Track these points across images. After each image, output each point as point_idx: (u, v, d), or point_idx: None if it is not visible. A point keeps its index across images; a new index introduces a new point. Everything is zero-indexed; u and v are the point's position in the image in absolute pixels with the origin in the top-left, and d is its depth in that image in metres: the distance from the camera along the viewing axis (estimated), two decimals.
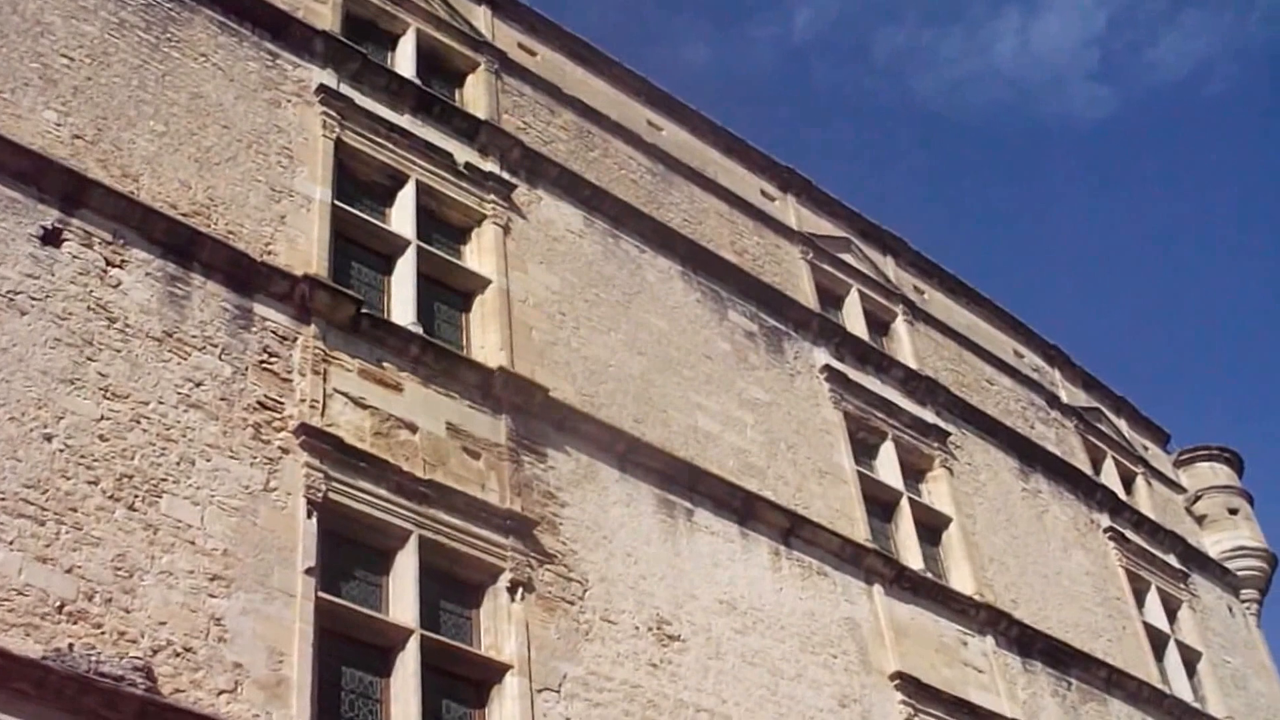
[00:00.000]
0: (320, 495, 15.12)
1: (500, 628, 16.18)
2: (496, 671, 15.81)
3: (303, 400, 15.82)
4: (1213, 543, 33.69)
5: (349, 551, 15.46)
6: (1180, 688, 28.38)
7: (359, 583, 15.41)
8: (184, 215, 16.41)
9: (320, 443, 15.48)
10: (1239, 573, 33.44)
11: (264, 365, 15.80)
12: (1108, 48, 76.01)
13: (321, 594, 14.53)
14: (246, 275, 16.38)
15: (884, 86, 76.62)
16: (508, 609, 16.30)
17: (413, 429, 16.78)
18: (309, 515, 14.90)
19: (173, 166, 16.84)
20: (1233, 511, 34.41)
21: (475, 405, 17.72)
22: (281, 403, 15.63)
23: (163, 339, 15.19)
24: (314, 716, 13.62)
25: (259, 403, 15.44)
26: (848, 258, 27.59)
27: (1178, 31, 76.12)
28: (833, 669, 20.09)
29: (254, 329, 16.00)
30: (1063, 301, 75.56)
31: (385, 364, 17.04)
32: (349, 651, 14.80)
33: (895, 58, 75.74)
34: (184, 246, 16.05)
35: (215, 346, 15.54)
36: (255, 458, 14.97)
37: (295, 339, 16.35)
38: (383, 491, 15.78)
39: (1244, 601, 33.43)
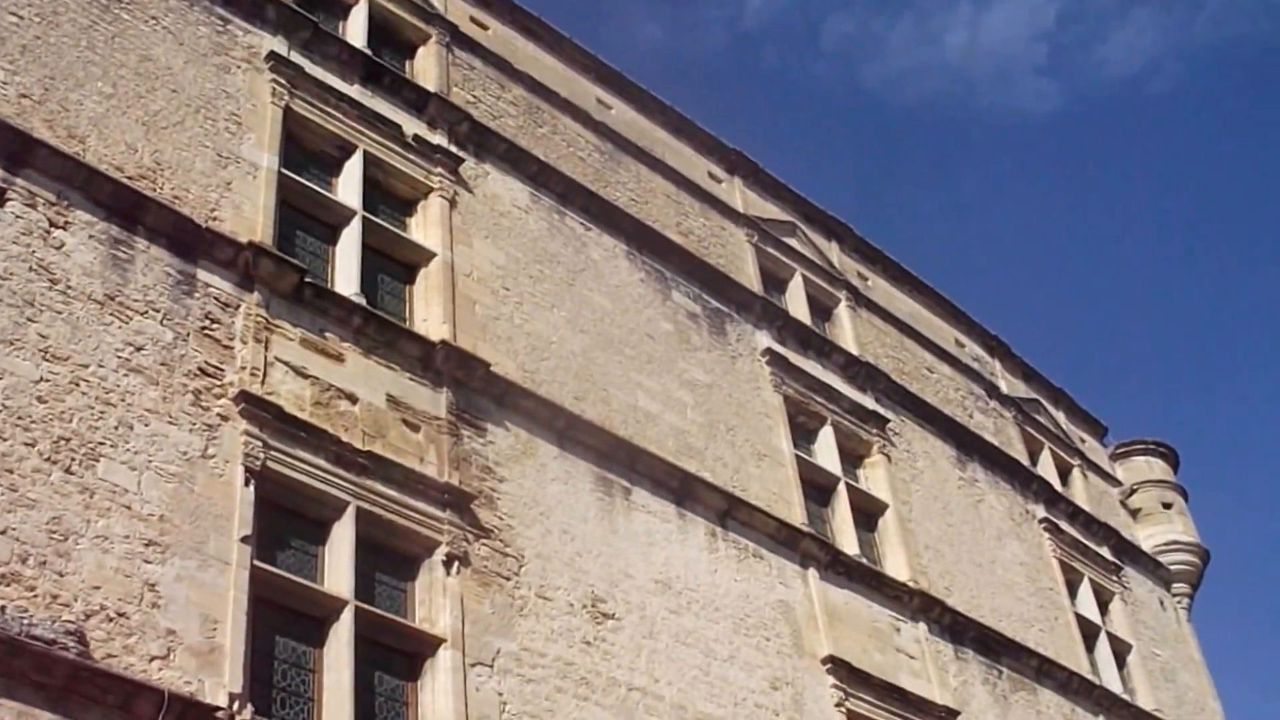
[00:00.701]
0: (258, 464, 15.08)
1: (435, 601, 16.19)
2: (430, 645, 15.82)
3: (243, 368, 15.77)
4: (1146, 536, 34.00)
5: (286, 521, 15.43)
6: (1110, 679, 28.66)
7: (295, 552, 15.39)
8: (130, 178, 16.32)
9: (260, 411, 15.43)
10: (1171, 567, 33.77)
11: (206, 331, 15.73)
12: (1056, 43, 76.43)
13: (257, 563, 14.51)
14: (191, 241, 16.30)
15: (833, 73, 76.88)
16: (443, 582, 16.31)
17: (353, 400, 16.75)
18: (246, 483, 14.86)
19: (120, 129, 16.74)
20: (1167, 506, 34.74)
21: (416, 378, 17.71)
22: (222, 370, 15.58)
23: (104, 302, 15.11)
24: (246, 685, 13.60)
25: (200, 369, 15.38)
26: (792, 242, 27.67)
27: (1126, 29, 76.61)
28: (766, 651, 20.20)
29: (197, 295, 15.94)
30: (1005, 293, 75.99)
31: (327, 334, 17.00)
32: (283, 621, 14.79)
33: (844, 44, 76.00)
34: (129, 210, 15.97)
35: (157, 311, 15.47)
36: (194, 424, 14.92)
37: (238, 306, 16.29)
38: (321, 462, 15.75)
39: (1175, 595, 33.76)
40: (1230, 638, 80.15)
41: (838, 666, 21.08)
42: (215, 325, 15.89)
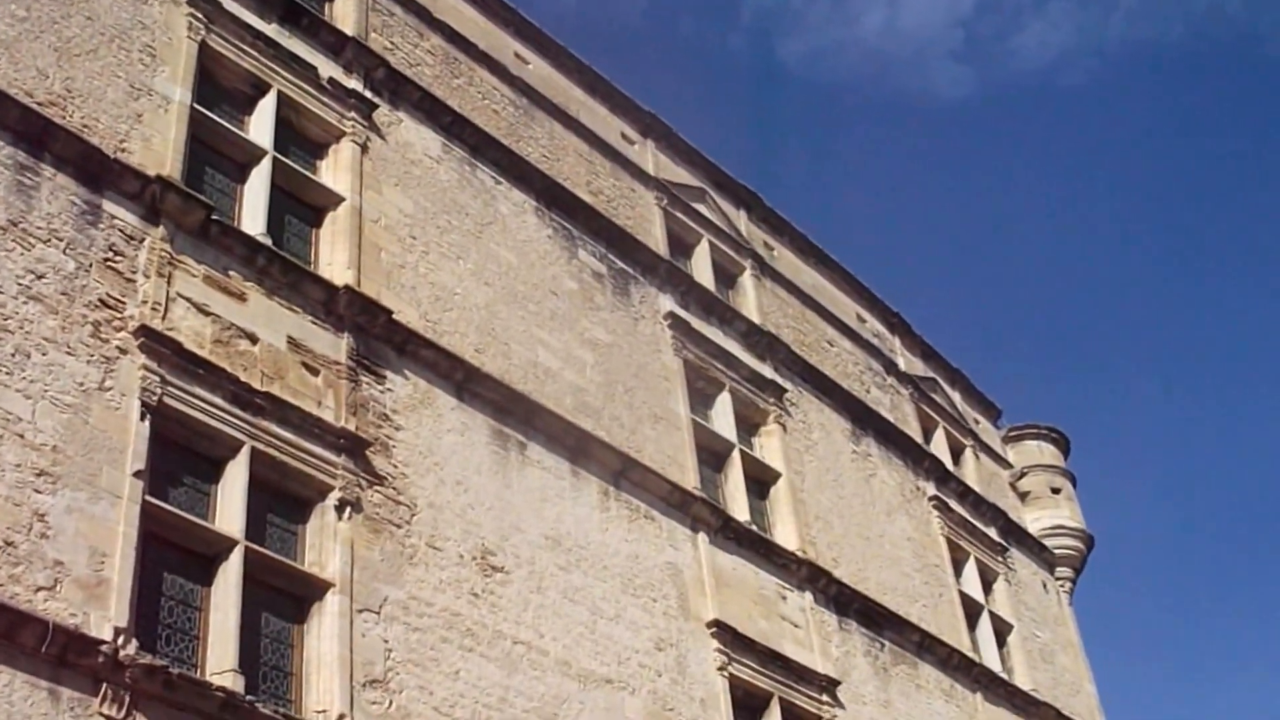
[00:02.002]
0: (155, 399, 15.01)
1: (325, 545, 16.20)
2: (318, 589, 15.84)
3: (145, 302, 15.66)
4: (1033, 519, 34.49)
5: (179, 458, 15.37)
6: (990, 657, 29.10)
7: (187, 490, 15.34)
8: (39, 104, 16.13)
9: (159, 346, 15.33)
10: (1056, 550, 34.29)
11: (109, 263, 15.61)
12: (973, 30, 77.14)
13: (149, 498, 14.45)
14: (98, 171, 16.15)
15: (750, 45, 77.06)
16: (334, 527, 16.33)
17: (253, 340, 16.69)
18: (142, 418, 14.78)
19: (31, 54, 16.54)
20: (1055, 491, 35.23)
21: (318, 321, 17.67)
22: (123, 302, 15.47)
23: (7, 228, 14.95)
24: (132, 620, 13.57)
25: (100, 300, 15.26)
26: (701, 208, 27.77)
27: (1042, 21, 77.41)
28: (652, 612, 20.36)
29: (101, 226, 15.80)
30: (908, 272, 76.67)
31: (231, 272, 16.92)
32: (172, 558, 14.75)
33: (763, 18, 76.22)
34: (36, 136, 15.78)
35: (60, 240, 15.32)
36: (92, 355, 14.82)
37: (142, 240, 16.16)
38: (218, 400, 15.68)
39: (1058, 579, 34.29)
40: (1109, 623, 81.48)
41: (722, 631, 21.29)
42: (118, 257, 15.77)
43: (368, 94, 20.71)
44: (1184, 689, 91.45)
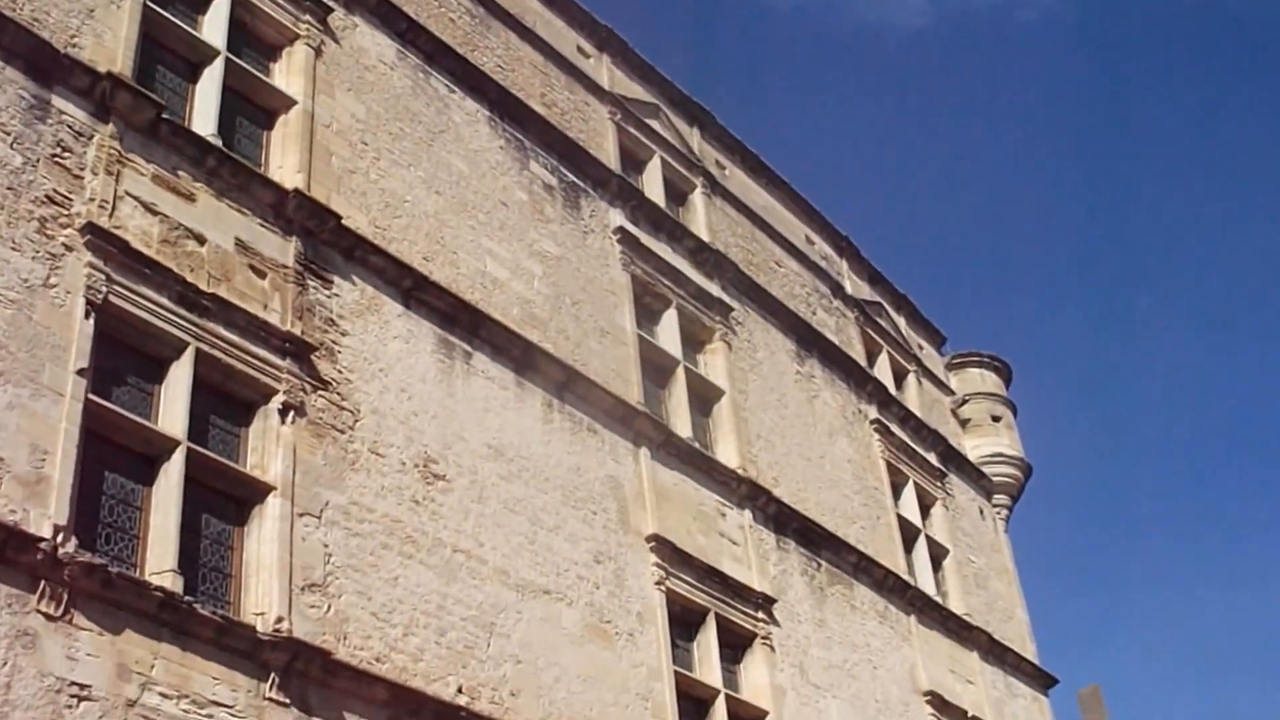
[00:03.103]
0: (100, 297, 14.93)
1: (268, 448, 16.22)
2: (259, 492, 15.88)
3: (92, 199, 15.54)
4: (973, 446, 34.78)
5: (123, 357, 15.31)
6: (925, 581, 29.43)
7: (130, 389, 15.30)
8: None
9: (106, 244, 15.24)
10: (994, 478, 34.63)
11: (56, 159, 15.47)
12: None
13: (92, 396, 14.43)
14: (48, 66, 15.93)
15: None
16: (277, 431, 16.34)
17: (201, 240, 16.61)
18: (87, 316, 14.71)
19: None
20: (996, 419, 35.53)
21: (266, 224, 17.59)
22: (70, 199, 15.35)
23: None
24: (72, 518, 13.58)
25: (47, 196, 15.14)
26: (655, 124, 27.70)
27: None
28: (592, 525, 20.50)
29: (50, 121, 15.65)
30: (859, 197, 76.91)
31: (180, 172, 16.80)
32: (113, 457, 14.75)
33: None
34: None
35: (7, 135, 15.16)
36: (38, 252, 14.72)
37: (91, 137, 16.02)
38: (164, 300, 15.62)
39: (995, 506, 34.63)
40: (1042, 551, 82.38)
41: (661, 545, 21.46)
42: (66, 154, 15.63)
43: None
44: (1113, 618, 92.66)
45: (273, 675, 14.78)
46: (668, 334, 24.88)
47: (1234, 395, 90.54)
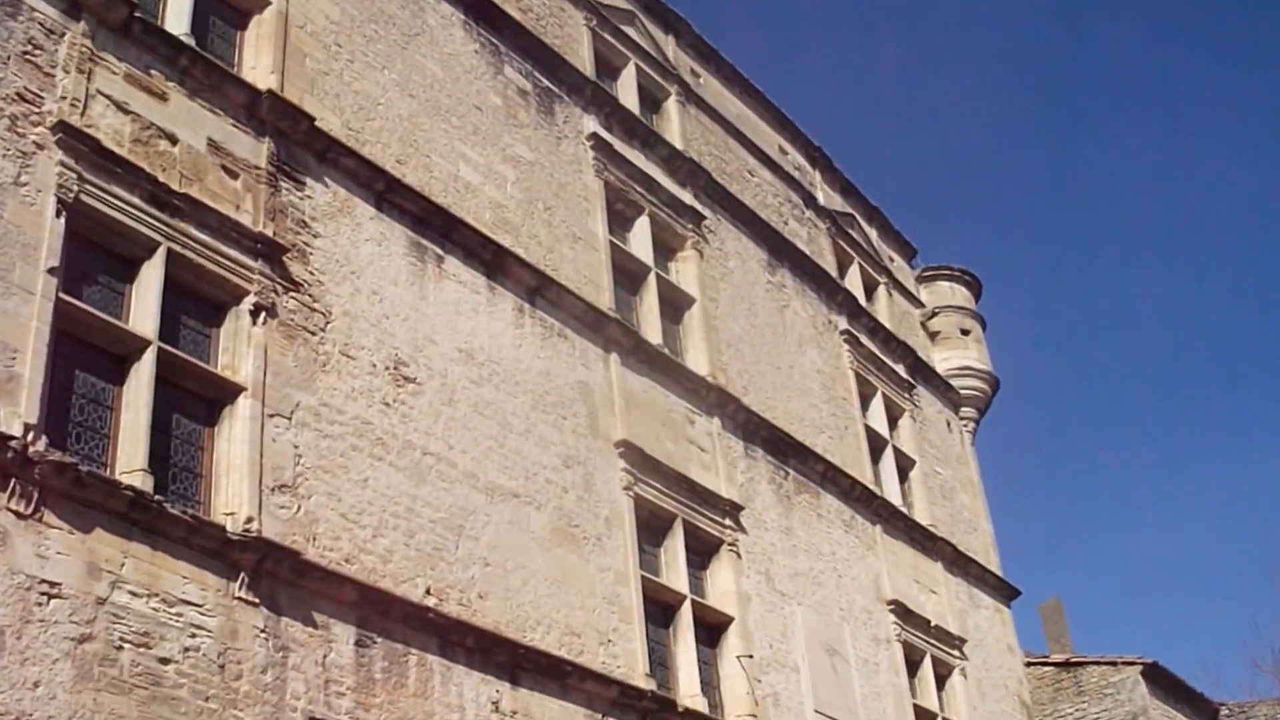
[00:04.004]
0: (71, 196, 14.86)
1: (239, 349, 16.24)
2: (230, 392, 15.92)
3: (64, 98, 15.41)
4: (941, 359, 34.97)
5: (95, 256, 15.26)
6: (891, 491, 29.69)
7: (102, 289, 15.27)
8: None
9: (77, 143, 15.14)
10: (962, 391, 34.85)
11: (27, 57, 15.33)
12: None
13: (62, 295, 14.39)
14: None
15: None
16: (248, 331, 16.35)
17: (173, 140, 16.53)
18: (58, 215, 14.63)
19: None
20: (965, 332, 35.70)
21: (239, 125, 17.51)
22: (41, 97, 15.24)
23: None
24: (42, 416, 13.60)
25: (18, 94, 15.01)
26: (630, 31, 27.57)
27: None
28: (561, 429, 20.60)
29: (21, 18, 15.46)
30: (833, 107, 76.88)
31: (153, 71, 16.68)
32: (84, 356, 14.74)
33: None
34: None
35: None
36: (8, 150, 14.62)
37: (63, 34, 15.83)
38: (136, 200, 15.55)
39: (962, 419, 34.88)
40: (1008, 465, 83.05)
41: (630, 451, 21.60)
42: (38, 51, 15.48)
43: None
44: (1075, 533, 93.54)
45: (242, 575, 14.87)
46: (640, 241, 24.90)
47: (1200, 318, 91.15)
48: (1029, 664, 36.97)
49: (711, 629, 22.39)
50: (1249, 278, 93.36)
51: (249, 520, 15.14)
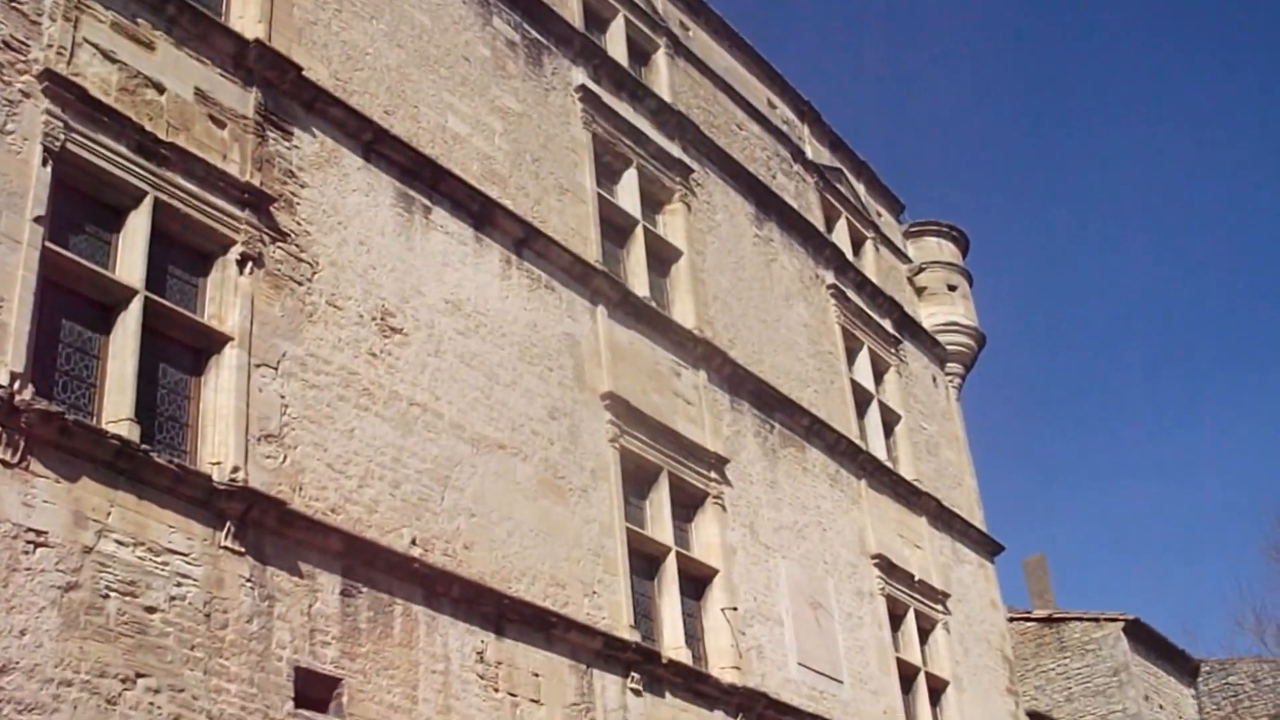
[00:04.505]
0: (58, 145, 14.82)
1: (226, 299, 16.24)
2: (217, 342, 15.93)
3: (50, 46, 15.32)
4: (928, 315, 35.00)
5: (81, 205, 15.24)
6: (876, 446, 29.77)
7: (88, 238, 15.25)
8: None
9: (64, 91, 15.08)
10: (948, 346, 34.90)
11: (13, 4, 15.19)
12: None
13: (49, 244, 14.36)
14: None
15: None
16: (235, 281, 16.35)
17: (160, 90, 16.47)
18: (44, 163, 14.58)
19: None
20: (952, 288, 35.72)
21: (227, 75, 17.46)
22: (28, 45, 15.15)
23: None
24: (28, 365, 13.58)
25: (4, 42, 14.89)
26: None
27: None
28: (547, 381, 20.64)
29: None
30: (822, 62, 76.70)
31: (140, 20, 16.60)
32: (71, 305, 14.73)
33: None
34: None
35: None
36: None
37: None
38: (122, 149, 15.52)
39: (948, 375, 34.93)
40: (993, 421, 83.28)
41: (616, 403, 21.64)
42: None
43: None
44: (1059, 490, 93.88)
45: (228, 524, 14.92)
46: (627, 193, 24.89)
47: (1188, 279, 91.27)
48: (1012, 619, 37.21)
49: (696, 581, 22.48)
50: (1238, 237, 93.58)
51: (235, 470, 15.17)
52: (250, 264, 16.49)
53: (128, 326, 14.93)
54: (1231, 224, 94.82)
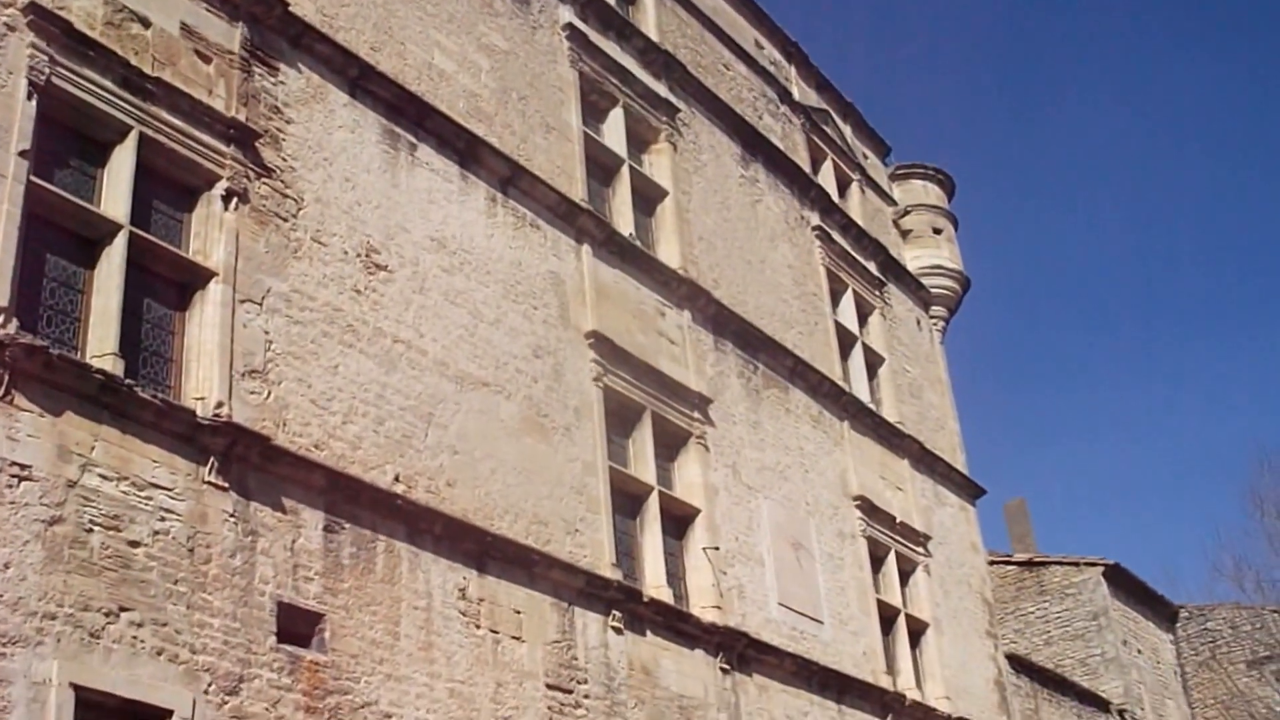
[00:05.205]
0: (43, 79, 14.74)
1: (210, 234, 16.22)
2: (202, 277, 15.92)
3: None
4: (913, 258, 35.04)
5: (66, 140, 15.18)
6: (859, 388, 29.85)
7: (73, 172, 15.21)
8: None
9: (48, 25, 14.97)
10: (932, 290, 34.97)
11: None
12: None
13: (34, 178, 14.32)
14: None
15: None
16: (220, 217, 16.32)
17: (146, 24, 16.38)
18: (29, 97, 14.50)
19: None
20: (937, 231, 35.76)
21: (212, 9, 17.34)
22: None
23: None
24: (13, 300, 13.54)
25: None
26: None
27: None
28: (532, 320, 20.66)
29: None
30: (810, 1, 76.42)
31: None
32: (55, 239, 14.69)
33: None
34: None
35: None
36: None
37: None
38: (108, 83, 15.45)
39: (932, 318, 35.01)
40: (976, 365, 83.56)
41: (600, 342, 21.68)
42: None
43: None
44: (1041, 434, 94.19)
45: (212, 459, 14.95)
46: (613, 133, 24.85)
47: (1170, 227, 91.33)
48: (992, 562, 37.45)
49: (678, 520, 22.58)
50: (1225, 183, 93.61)
51: (219, 405, 15.20)
52: (235, 200, 16.47)
53: (112, 261, 14.92)
54: (1218, 171, 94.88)
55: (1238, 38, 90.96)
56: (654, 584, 21.15)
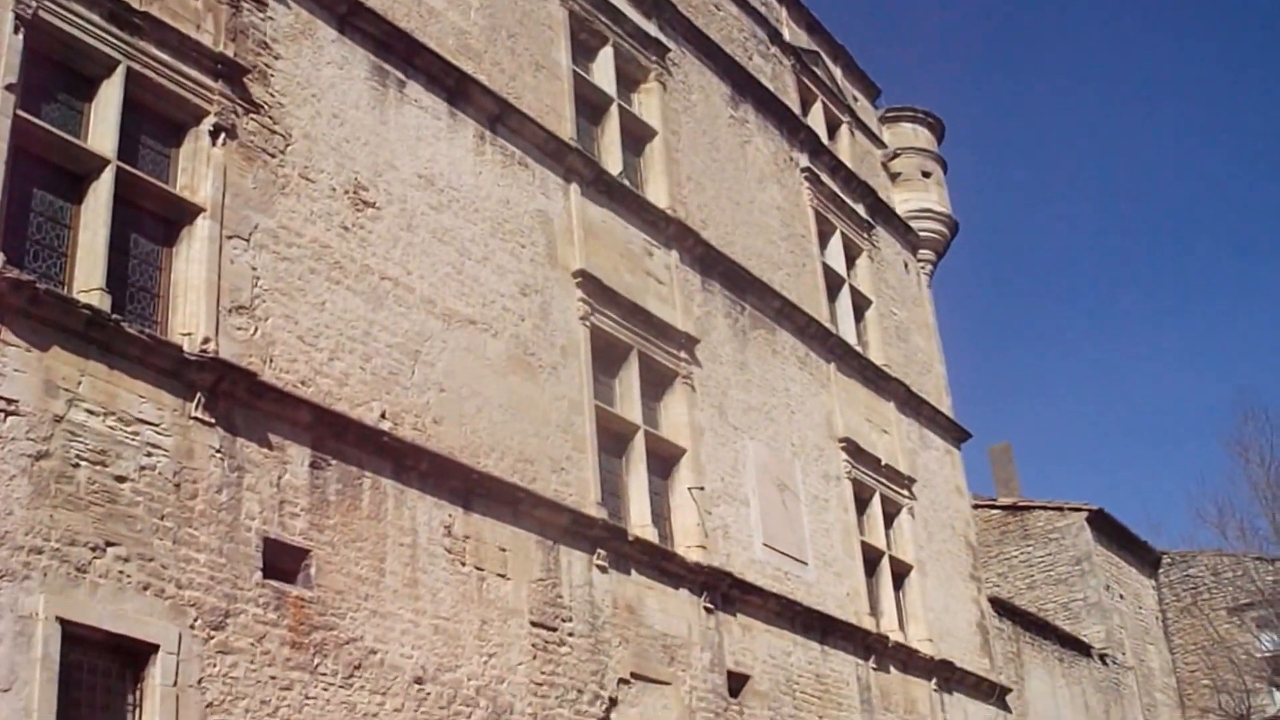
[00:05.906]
0: (30, 12, 14.60)
1: (198, 170, 16.18)
2: (189, 213, 15.89)
3: None
4: (901, 201, 35.02)
5: (53, 74, 15.11)
6: (846, 330, 29.90)
7: (60, 107, 15.15)
8: None
9: None
10: (921, 233, 34.96)
11: None
12: None
13: (20, 112, 14.25)
14: None
15: None
16: (207, 152, 16.28)
17: None
18: (16, 31, 14.37)
19: None
20: (926, 174, 35.72)
21: None
22: None
23: None
24: (1, 234, 13.57)
25: None
26: None
27: None
28: (519, 258, 20.65)
29: None
30: None
31: None
32: (42, 174, 14.64)
33: None
34: None
35: None
36: None
37: None
38: (95, 18, 15.33)
39: (920, 261, 35.03)
40: (963, 309, 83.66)
41: (587, 281, 21.68)
42: None
43: None
44: (1026, 379, 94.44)
45: (199, 395, 14.97)
46: (603, 71, 24.77)
47: (1161, 172, 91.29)
48: (976, 506, 37.60)
49: (664, 460, 22.65)
50: (1217, 128, 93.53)
51: (206, 341, 15.20)
52: (223, 135, 16.42)
53: (99, 196, 14.88)
54: (1208, 116, 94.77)
55: None
56: (639, 523, 21.23)
